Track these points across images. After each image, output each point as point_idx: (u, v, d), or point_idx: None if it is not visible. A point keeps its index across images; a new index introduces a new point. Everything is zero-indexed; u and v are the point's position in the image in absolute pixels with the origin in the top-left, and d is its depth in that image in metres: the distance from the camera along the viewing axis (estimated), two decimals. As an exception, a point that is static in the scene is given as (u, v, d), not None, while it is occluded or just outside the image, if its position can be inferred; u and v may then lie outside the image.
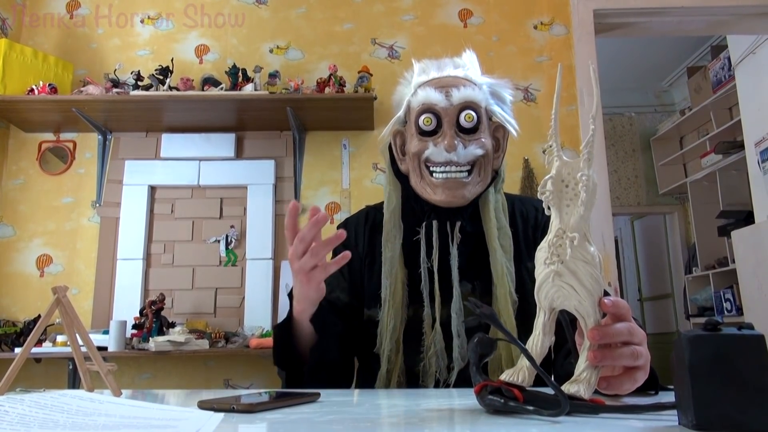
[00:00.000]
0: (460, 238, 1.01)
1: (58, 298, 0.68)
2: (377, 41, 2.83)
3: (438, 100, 0.98)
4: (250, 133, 2.74)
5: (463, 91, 0.98)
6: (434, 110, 0.99)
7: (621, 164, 5.22)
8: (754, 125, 3.59)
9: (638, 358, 0.61)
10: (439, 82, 1.00)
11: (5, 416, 0.44)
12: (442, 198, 0.99)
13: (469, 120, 0.98)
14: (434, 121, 0.99)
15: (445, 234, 1.01)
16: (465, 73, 1.03)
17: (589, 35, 2.75)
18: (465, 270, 1.00)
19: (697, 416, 0.44)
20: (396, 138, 1.08)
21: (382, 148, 1.10)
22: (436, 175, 0.99)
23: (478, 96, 0.99)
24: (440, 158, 0.97)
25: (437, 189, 0.99)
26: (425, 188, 1.01)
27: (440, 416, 0.58)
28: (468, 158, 0.98)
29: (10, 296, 2.58)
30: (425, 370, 0.96)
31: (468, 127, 0.98)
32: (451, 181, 0.98)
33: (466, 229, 1.02)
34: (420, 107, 1.00)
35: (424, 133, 1.00)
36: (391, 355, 0.96)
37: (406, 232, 1.03)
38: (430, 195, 1.00)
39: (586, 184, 0.58)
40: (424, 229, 1.02)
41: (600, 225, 2.56)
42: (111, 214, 2.64)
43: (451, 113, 0.98)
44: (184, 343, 2.21)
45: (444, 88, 0.99)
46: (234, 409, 0.59)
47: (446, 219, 1.02)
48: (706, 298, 4.55)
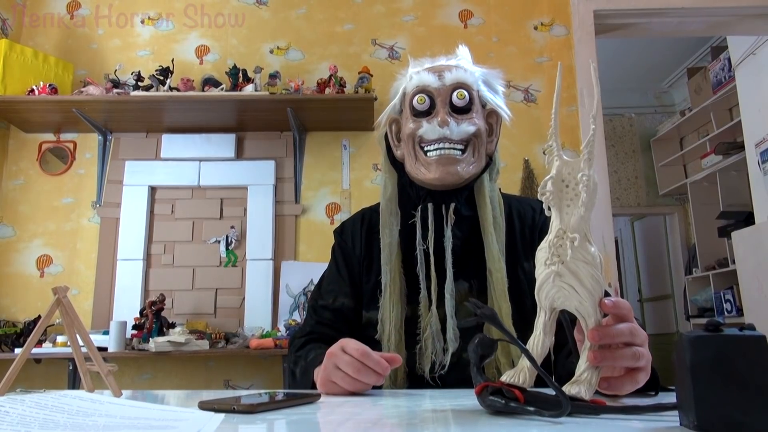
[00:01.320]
0: (454, 220, 1.02)
1: (58, 298, 0.68)
2: (377, 42, 2.83)
3: (431, 81, 1.01)
4: (251, 133, 2.74)
5: (455, 72, 1.02)
6: (427, 90, 1.02)
7: (621, 165, 5.22)
8: (755, 126, 3.59)
9: (639, 359, 0.61)
10: (433, 69, 1.04)
11: (6, 417, 0.44)
12: (435, 175, 1.00)
13: (461, 98, 1.01)
14: (428, 100, 1.01)
15: (440, 216, 1.02)
16: (457, 62, 1.06)
17: (589, 36, 2.76)
18: (460, 254, 1.01)
19: (698, 417, 0.44)
20: (392, 125, 1.10)
21: (379, 138, 1.12)
22: (430, 153, 1.00)
23: (469, 78, 1.03)
24: (434, 135, 0.99)
25: (431, 166, 1.00)
26: (419, 169, 1.02)
27: (441, 417, 0.58)
28: (461, 135, 1.00)
29: (10, 297, 2.58)
30: (421, 352, 0.96)
31: (460, 106, 1.01)
32: (444, 158, 0.99)
33: (461, 212, 1.03)
34: (414, 89, 1.03)
35: (418, 114, 1.02)
36: (391, 345, 0.97)
37: (402, 219, 1.05)
38: (424, 175, 1.01)
39: (586, 184, 0.58)
40: (419, 213, 1.03)
41: (600, 226, 2.56)
42: (111, 214, 2.64)
43: (444, 93, 1.01)
44: (185, 343, 2.21)
45: (437, 72, 1.03)
46: (235, 409, 0.59)
47: (441, 201, 1.03)
48: (706, 299, 4.55)
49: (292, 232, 2.65)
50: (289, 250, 2.62)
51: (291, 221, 2.66)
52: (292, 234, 2.65)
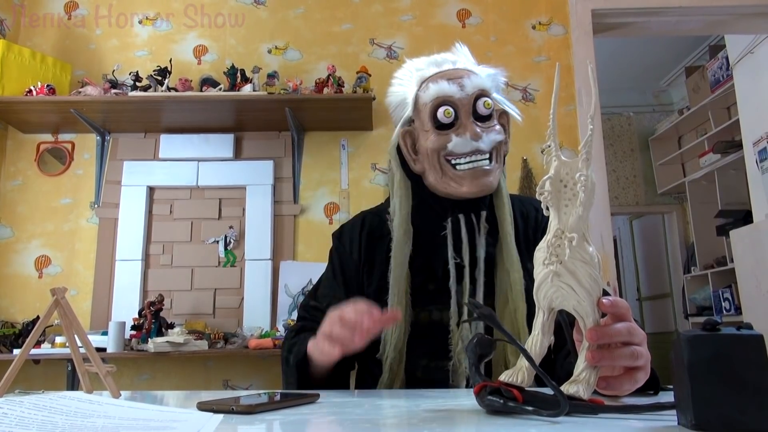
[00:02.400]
0: (487, 228, 1.00)
1: (57, 299, 0.67)
2: (375, 41, 2.83)
3: (453, 91, 0.97)
4: (249, 133, 2.74)
5: (474, 79, 0.99)
6: (452, 101, 0.97)
7: (619, 164, 5.23)
8: (753, 125, 3.59)
9: (638, 358, 0.61)
10: (447, 75, 1.00)
11: (4, 418, 0.44)
12: (470, 189, 0.97)
13: (488, 107, 0.98)
14: (452, 112, 0.97)
15: (471, 227, 1.00)
16: (465, 65, 1.03)
17: (587, 35, 2.76)
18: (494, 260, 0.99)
19: (696, 416, 0.44)
20: (405, 138, 1.05)
21: (391, 151, 1.07)
22: (461, 166, 0.97)
23: (488, 84, 1.00)
24: (466, 148, 0.96)
25: (464, 181, 0.97)
26: (448, 183, 0.99)
27: (440, 417, 0.58)
28: (491, 145, 0.98)
29: (8, 297, 2.57)
30: (454, 368, 0.94)
31: (485, 115, 0.98)
32: (478, 171, 0.97)
33: (489, 219, 1.01)
34: (434, 101, 0.98)
35: (442, 127, 0.98)
36: (394, 365, 0.96)
37: (424, 233, 1.02)
38: (455, 189, 0.98)
39: (584, 184, 0.58)
40: (450, 225, 1.00)
41: (599, 225, 2.56)
42: (109, 215, 2.64)
43: (466, 103, 0.97)
44: (183, 344, 2.21)
45: (455, 80, 0.98)
46: (233, 410, 0.59)
47: (470, 211, 1.01)
48: (704, 298, 4.55)
49: (290, 232, 2.65)
50: (288, 250, 2.62)
51: (290, 221, 2.66)
52: (290, 234, 2.64)
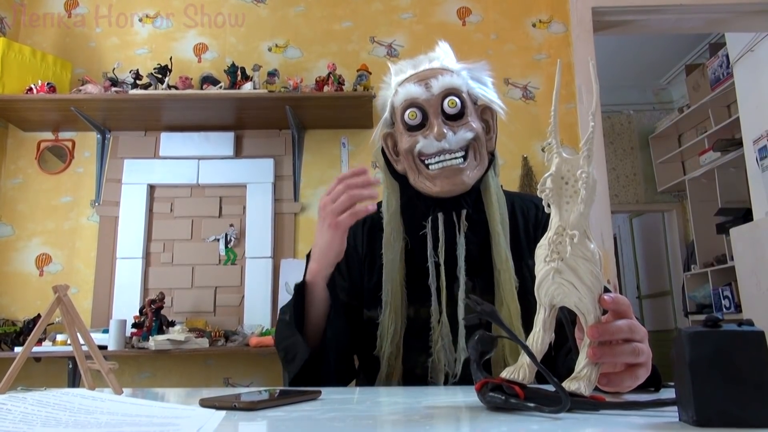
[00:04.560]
0: (467, 227, 1.00)
1: (58, 296, 0.68)
2: (376, 39, 2.83)
3: (419, 92, 0.98)
4: (249, 131, 2.74)
5: (441, 79, 0.99)
6: (417, 103, 0.99)
7: (619, 162, 5.23)
8: (753, 123, 3.59)
9: (639, 355, 0.61)
10: (418, 77, 1.01)
11: (8, 415, 0.44)
12: (441, 188, 0.98)
13: (453, 106, 0.98)
14: (419, 114, 0.99)
15: (451, 225, 1.00)
16: (441, 63, 1.03)
17: (587, 33, 2.75)
18: (476, 258, 0.99)
19: (697, 412, 0.44)
20: (387, 140, 1.07)
21: (375, 153, 1.10)
22: (432, 166, 0.98)
23: (457, 82, 1.00)
24: (432, 149, 0.97)
25: (435, 180, 0.98)
26: (424, 183, 1.00)
27: (441, 413, 0.59)
28: (460, 143, 0.97)
29: (9, 295, 2.58)
30: (433, 365, 0.95)
31: (453, 113, 0.98)
32: (447, 170, 0.97)
33: (473, 217, 1.01)
34: (403, 104, 1.00)
35: (411, 128, 1.00)
36: (391, 359, 0.96)
37: (413, 230, 1.03)
38: (429, 188, 0.99)
39: (585, 181, 0.58)
40: (430, 224, 1.01)
41: (599, 223, 2.57)
42: (110, 213, 2.64)
43: (434, 103, 0.98)
44: (184, 341, 2.21)
45: (423, 81, 0.99)
46: (236, 407, 0.59)
47: (451, 209, 1.01)
48: (704, 296, 4.56)
49: (291, 230, 2.65)
50: (288, 248, 2.62)
51: (290, 219, 2.66)
52: (291, 232, 2.65)
